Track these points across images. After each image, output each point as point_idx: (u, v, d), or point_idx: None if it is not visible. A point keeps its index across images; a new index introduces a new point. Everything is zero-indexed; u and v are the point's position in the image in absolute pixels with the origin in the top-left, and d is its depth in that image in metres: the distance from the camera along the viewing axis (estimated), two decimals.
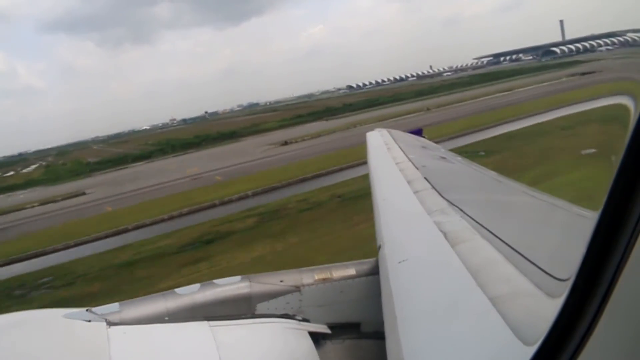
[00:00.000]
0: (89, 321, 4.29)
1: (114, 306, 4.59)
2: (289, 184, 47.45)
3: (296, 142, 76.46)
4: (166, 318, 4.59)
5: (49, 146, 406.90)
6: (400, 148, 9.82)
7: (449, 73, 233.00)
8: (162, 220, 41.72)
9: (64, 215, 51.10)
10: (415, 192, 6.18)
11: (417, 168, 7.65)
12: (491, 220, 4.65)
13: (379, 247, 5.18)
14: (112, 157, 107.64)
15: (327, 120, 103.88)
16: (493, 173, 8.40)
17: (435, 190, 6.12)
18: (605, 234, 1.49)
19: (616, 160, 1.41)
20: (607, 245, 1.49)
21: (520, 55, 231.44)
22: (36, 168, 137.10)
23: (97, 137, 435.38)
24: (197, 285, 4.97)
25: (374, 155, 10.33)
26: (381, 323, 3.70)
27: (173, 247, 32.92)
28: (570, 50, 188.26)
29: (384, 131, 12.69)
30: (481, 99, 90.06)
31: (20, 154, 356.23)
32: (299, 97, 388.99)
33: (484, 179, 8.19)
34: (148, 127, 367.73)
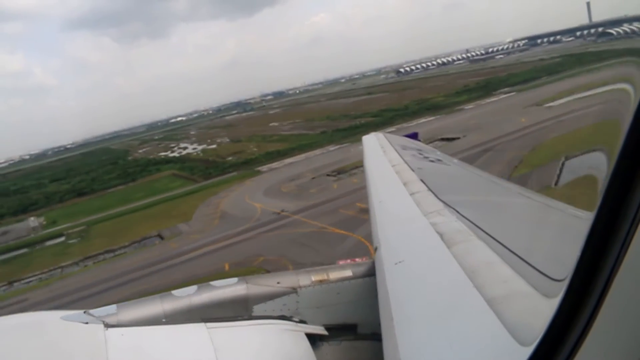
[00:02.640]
0: (87, 323, 4.23)
1: (111, 308, 4.53)
2: None
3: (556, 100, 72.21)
4: (163, 320, 4.55)
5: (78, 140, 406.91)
6: (396, 151, 9.69)
7: (501, 55, 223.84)
8: None
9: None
10: (412, 194, 6.14)
11: (413, 170, 7.59)
12: (487, 221, 4.65)
13: (376, 248, 5.12)
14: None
15: (513, 92, 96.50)
16: (489, 175, 8.40)
17: (432, 192, 6.08)
18: (600, 235, 1.47)
19: (611, 161, 1.40)
20: (602, 246, 1.47)
21: (559, 37, 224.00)
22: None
23: (137, 125, 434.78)
24: (194, 287, 4.93)
25: (370, 158, 10.19)
26: (378, 324, 3.66)
27: None
28: (625, 32, 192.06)
29: (380, 135, 12.48)
30: None
31: (65, 148, 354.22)
32: (325, 85, 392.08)
33: (480, 180, 8.14)
34: (184, 118, 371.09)
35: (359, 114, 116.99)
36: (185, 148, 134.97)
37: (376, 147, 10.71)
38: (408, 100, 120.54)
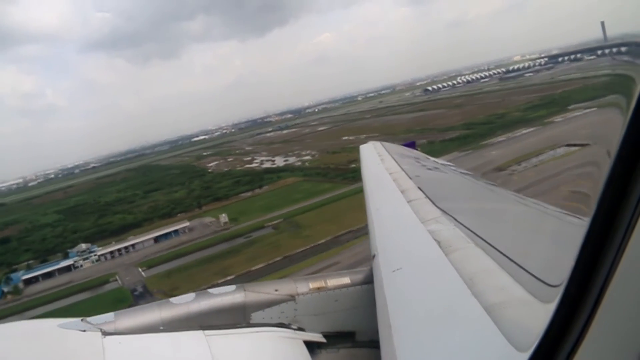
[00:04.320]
0: (84, 331, 4.25)
1: (109, 316, 4.52)
2: None
3: None
4: (161, 327, 4.55)
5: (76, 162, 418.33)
6: (394, 159, 9.76)
7: (530, 73, 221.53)
8: None
9: None
10: (409, 202, 6.15)
11: (410, 178, 7.59)
12: (484, 228, 4.64)
13: (374, 256, 5.10)
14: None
15: None
16: (486, 182, 8.62)
17: (429, 199, 6.07)
18: (596, 240, 1.48)
19: (606, 167, 1.42)
20: (598, 251, 1.48)
21: (580, 55, 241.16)
22: None
23: (150, 145, 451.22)
24: (192, 295, 4.94)
25: (368, 166, 10.26)
26: (376, 332, 3.65)
27: None
28: None
29: (377, 143, 12.59)
30: None
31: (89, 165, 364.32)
32: (343, 103, 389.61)
33: (477, 188, 8.23)
34: (206, 137, 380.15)
35: (443, 127, 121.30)
36: (272, 160, 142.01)
37: (374, 156, 10.76)
38: (477, 115, 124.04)
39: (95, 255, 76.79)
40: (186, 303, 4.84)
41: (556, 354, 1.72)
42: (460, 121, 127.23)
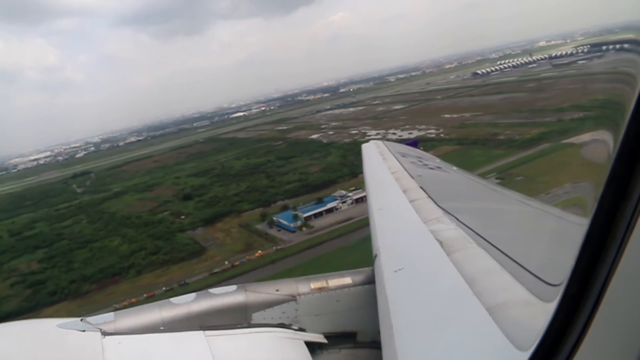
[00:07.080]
0: (84, 331, 4.27)
1: (109, 316, 4.55)
2: None
3: None
4: (161, 328, 4.60)
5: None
6: (396, 158, 9.89)
7: (583, 61, 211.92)
8: None
9: None
10: (411, 201, 6.28)
11: (412, 177, 7.76)
12: (486, 228, 4.70)
13: (375, 256, 5.15)
14: None
15: None
16: (488, 182, 8.55)
17: (431, 199, 6.20)
18: (596, 240, 1.52)
19: (606, 168, 1.44)
20: (598, 251, 1.52)
21: (628, 45, 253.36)
22: None
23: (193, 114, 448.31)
24: (192, 295, 4.95)
25: (370, 165, 10.41)
26: (377, 332, 3.71)
27: None
28: None
29: (380, 142, 12.80)
30: None
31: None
32: (377, 84, 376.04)
33: (479, 188, 8.27)
34: (245, 113, 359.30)
35: (551, 109, 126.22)
36: (393, 134, 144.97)
37: (376, 155, 11.04)
38: (575, 100, 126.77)
39: (350, 199, 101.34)
40: (187, 303, 4.85)
41: (557, 353, 1.75)
42: (561, 104, 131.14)
